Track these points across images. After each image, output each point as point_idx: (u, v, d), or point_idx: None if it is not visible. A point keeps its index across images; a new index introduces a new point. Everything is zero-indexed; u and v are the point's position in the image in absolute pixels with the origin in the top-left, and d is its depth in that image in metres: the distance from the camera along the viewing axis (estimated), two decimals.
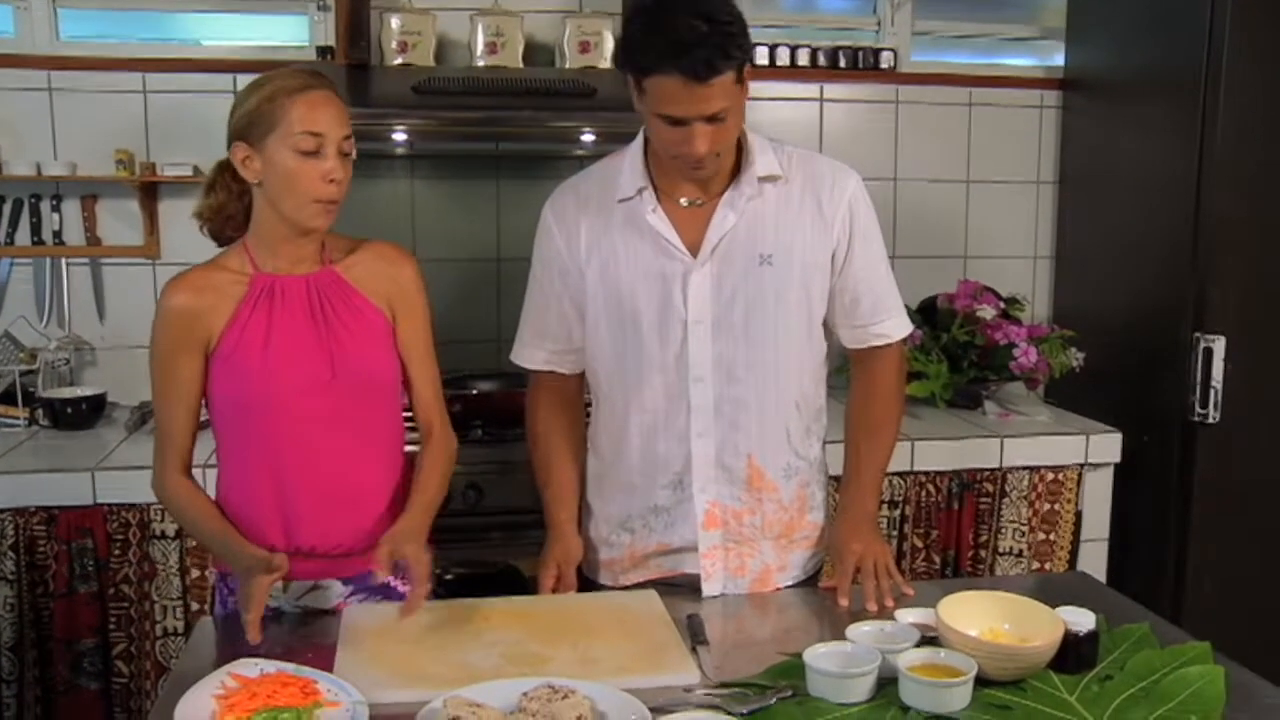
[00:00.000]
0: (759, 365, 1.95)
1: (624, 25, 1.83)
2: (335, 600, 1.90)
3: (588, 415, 2.11)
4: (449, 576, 2.52)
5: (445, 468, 1.96)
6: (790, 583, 2.04)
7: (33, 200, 3.06)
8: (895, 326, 2.05)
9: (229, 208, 1.88)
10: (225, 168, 1.85)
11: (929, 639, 1.65)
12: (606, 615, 1.80)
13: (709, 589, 1.99)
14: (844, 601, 1.90)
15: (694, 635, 1.75)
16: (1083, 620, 1.64)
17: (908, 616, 1.75)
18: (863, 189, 2.02)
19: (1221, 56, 2.78)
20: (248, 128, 1.76)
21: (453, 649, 1.66)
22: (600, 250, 1.96)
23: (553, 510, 2.06)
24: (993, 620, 1.67)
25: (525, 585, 2.42)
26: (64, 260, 3.09)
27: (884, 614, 1.79)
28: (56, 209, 3.07)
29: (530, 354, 2.08)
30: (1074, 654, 1.61)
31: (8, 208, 3.06)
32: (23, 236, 3.07)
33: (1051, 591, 1.98)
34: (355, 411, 1.86)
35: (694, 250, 1.91)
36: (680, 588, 1.99)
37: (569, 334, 2.04)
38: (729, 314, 1.92)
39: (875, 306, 2.02)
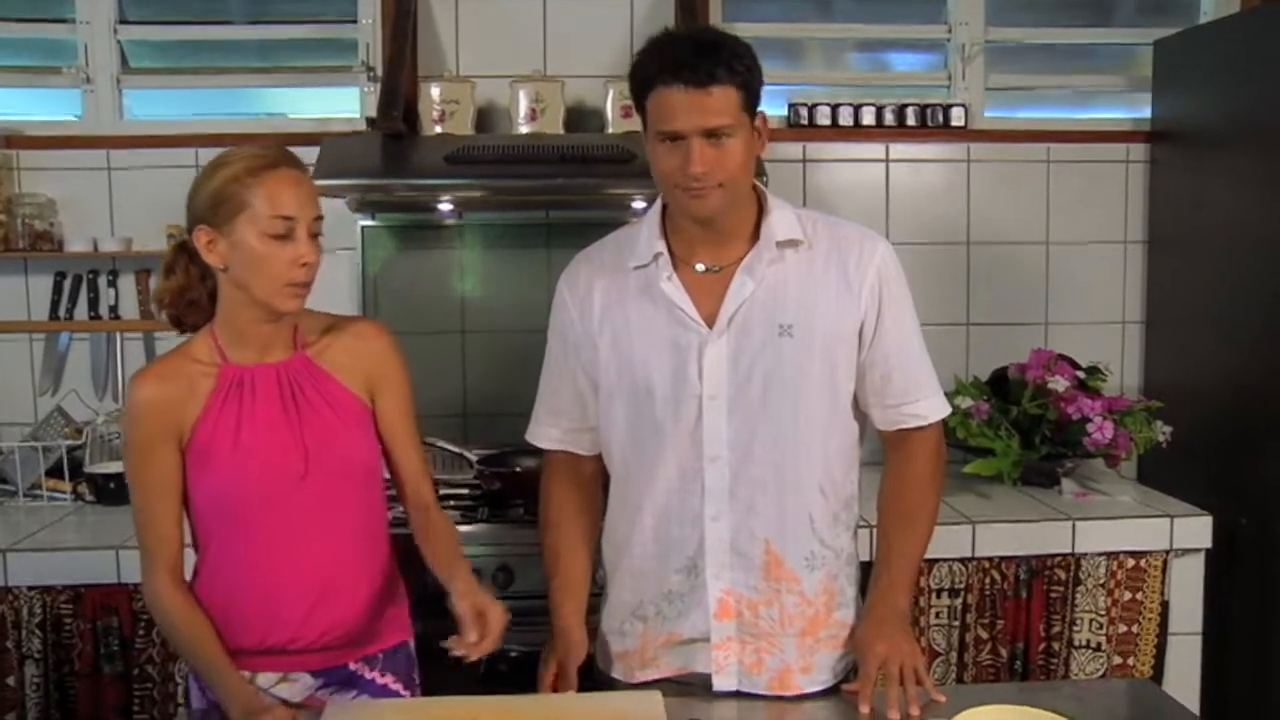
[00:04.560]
0: (778, 444, 1.83)
1: (630, 73, 1.78)
2: (304, 693, 1.83)
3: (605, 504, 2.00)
4: (514, 654, 2.42)
5: (458, 536, 1.91)
6: (818, 687, 1.89)
7: (90, 276, 3.10)
8: (931, 407, 1.92)
9: (191, 291, 1.80)
10: (184, 249, 1.78)
11: None
12: (600, 718, 1.67)
13: (720, 683, 1.87)
14: (864, 709, 1.76)
15: None
16: None
17: None
18: (893, 257, 1.89)
19: None
20: (211, 210, 1.69)
21: None
22: (613, 319, 1.88)
23: (558, 602, 1.96)
24: None
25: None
26: (119, 335, 3.12)
27: None
28: (113, 284, 3.11)
29: (544, 432, 2.00)
30: None
31: (68, 283, 3.11)
32: (81, 311, 3.11)
33: (1103, 701, 1.82)
34: (333, 503, 1.79)
35: (710, 320, 1.82)
36: (693, 688, 1.87)
37: (583, 411, 1.96)
38: (746, 388, 1.82)
39: (908, 385, 1.90)
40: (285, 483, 1.75)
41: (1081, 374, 2.98)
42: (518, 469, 2.74)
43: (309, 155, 2.79)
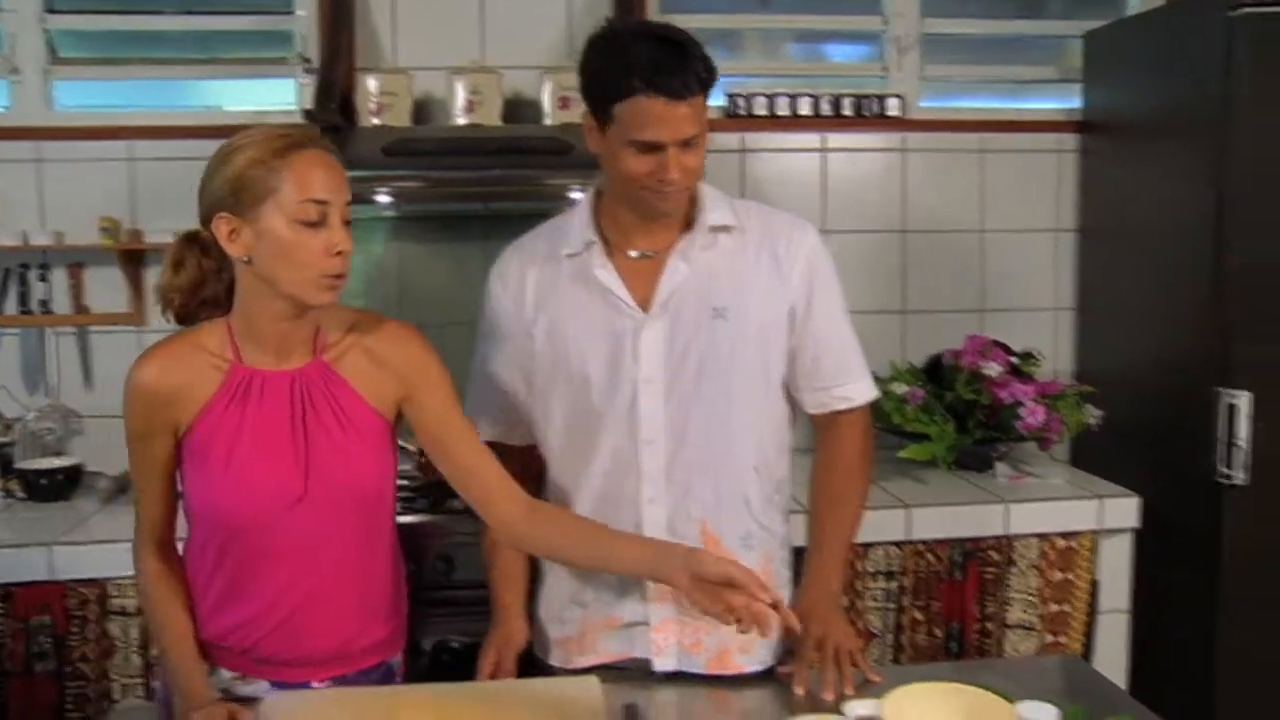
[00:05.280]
0: (713, 426, 1.85)
1: (583, 64, 1.77)
2: (260, 693, 1.75)
3: (542, 492, 2.00)
4: (456, 645, 2.43)
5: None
6: (757, 666, 1.91)
7: (20, 270, 3.04)
8: (859, 390, 1.96)
9: (206, 288, 1.67)
10: (193, 241, 1.66)
11: None
12: (535, 706, 1.68)
13: (661, 664, 1.89)
14: (800, 690, 1.78)
15: None
16: (1044, 717, 1.51)
17: (857, 709, 1.61)
18: (822, 245, 1.93)
19: (1236, 94, 2.61)
20: (232, 196, 1.55)
21: None
22: (547, 309, 1.89)
23: (498, 592, 1.96)
24: (947, 716, 1.53)
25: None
26: (51, 330, 3.07)
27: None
28: (44, 278, 3.05)
29: (478, 425, 1.97)
30: None
31: None
32: (10, 306, 3.05)
33: (1036, 678, 1.85)
34: (325, 529, 1.67)
35: (645, 306, 1.84)
36: (632, 673, 1.88)
37: (516, 403, 1.96)
38: (681, 371, 1.84)
39: (838, 368, 1.93)
40: (277, 506, 1.64)
41: (1015, 360, 3.02)
42: None
43: None
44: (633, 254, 1.86)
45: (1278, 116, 2.63)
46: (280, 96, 3.17)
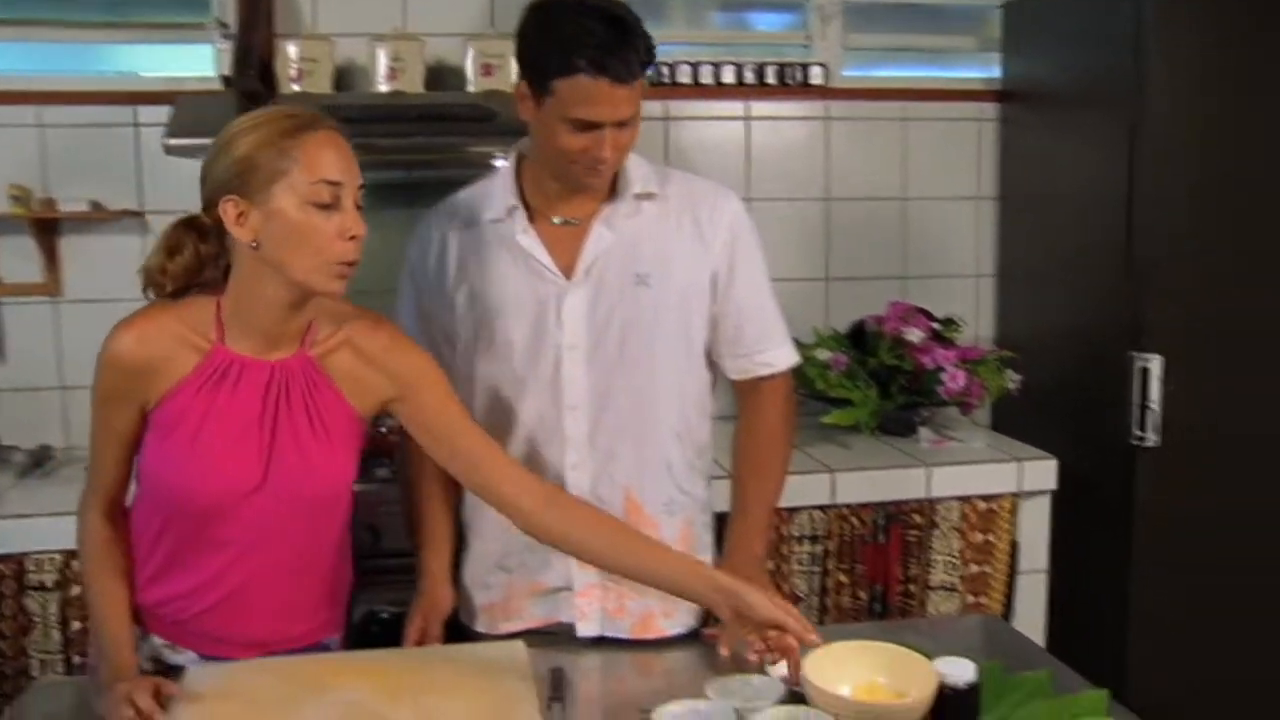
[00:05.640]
0: (636, 391, 1.87)
1: (523, 31, 1.75)
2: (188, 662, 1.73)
3: None
4: (386, 615, 2.40)
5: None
6: (680, 629, 1.94)
7: None
8: (781, 356, 1.98)
9: (206, 271, 1.62)
10: (190, 226, 1.61)
11: (797, 693, 1.54)
12: (462, 671, 1.69)
13: (584, 629, 1.90)
14: (724, 651, 1.78)
15: (552, 690, 1.65)
16: (961, 672, 1.53)
17: (781, 668, 1.63)
18: (744, 212, 1.94)
19: (1148, 64, 2.67)
20: (239, 178, 1.51)
21: (288, 709, 1.55)
22: (469, 275, 1.88)
23: (424, 558, 1.97)
24: (867, 673, 1.56)
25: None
26: None
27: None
28: None
29: None
30: (951, 710, 1.50)
31: None
32: None
33: (955, 637, 1.89)
34: (276, 523, 1.64)
35: (568, 272, 1.84)
36: (558, 638, 1.90)
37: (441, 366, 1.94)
38: (604, 338, 1.85)
39: (760, 334, 1.95)
40: (232, 495, 1.61)
41: (937, 325, 3.07)
42: (382, 429, 2.71)
43: (162, 114, 2.74)
44: (556, 220, 1.86)
45: (1188, 88, 2.70)
46: (197, 63, 3.10)
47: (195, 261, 1.61)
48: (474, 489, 1.77)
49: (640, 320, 1.85)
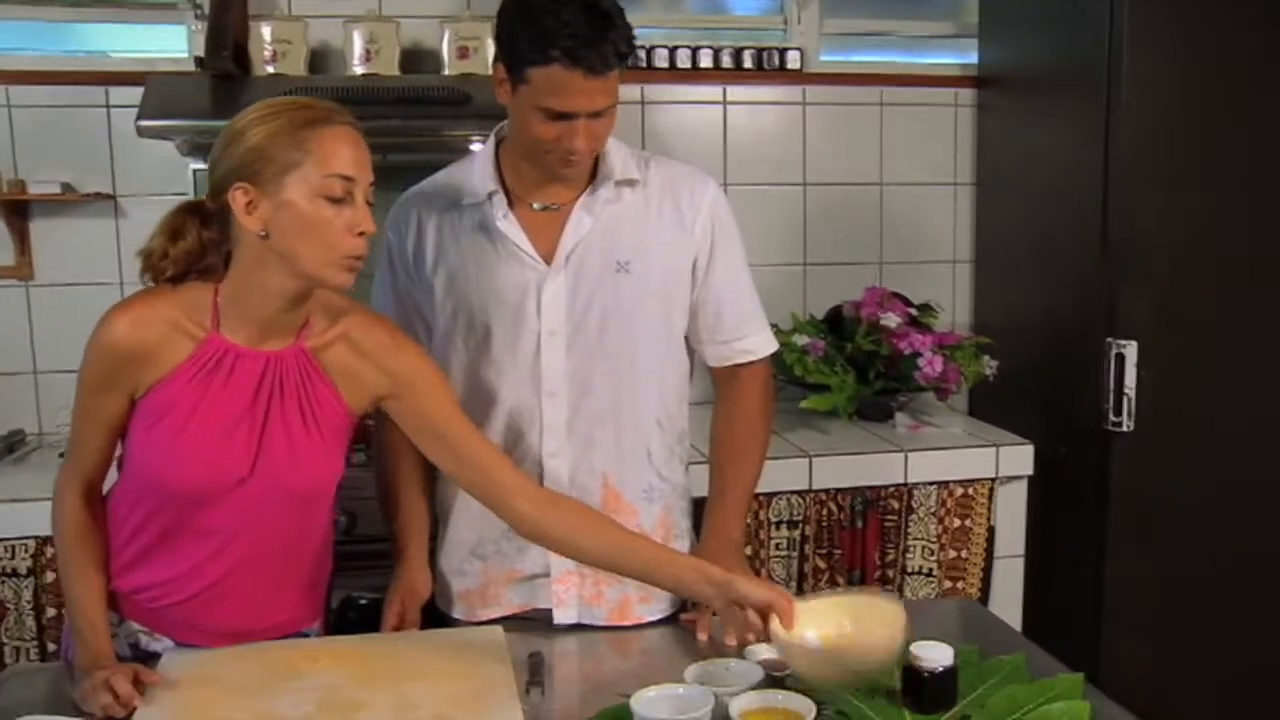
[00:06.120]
0: (616, 378, 1.86)
1: (501, 15, 1.73)
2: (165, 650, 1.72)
3: None
4: (363, 601, 2.40)
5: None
6: (656, 616, 1.94)
7: None
8: (760, 343, 1.98)
9: (207, 259, 1.60)
10: (194, 211, 1.59)
11: (776, 677, 1.55)
12: (440, 655, 1.69)
13: (561, 616, 1.90)
14: (702, 636, 1.80)
15: (531, 675, 1.64)
16: (939, 656, 1.54)
17: (759, 653, 1.64)
18: (723, 198, 1.94)
19: (1123, 51, 2.67)
20: (252, 166, 1.50)
21: (264, 695, 1.55)
22: (448, 259, 1.87)
23: (401, 542, 1.95)
24: (835, 624, 1.55)
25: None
26: None
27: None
28: None
29: None
30: (928, 692, 1.50)
31: None
32: None
33: (933, 621, 1.90)
34: (261, 515, 1.64)
35: (548, 258, 1.83)
36: (536, 624, 1.89)
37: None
38: (584, 324, 1.84)
39: (739, 321, 1.95)
40: (219, 486, 1.60)
41: (914, 311, 3.07)
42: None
43: (133, 95, 2.72)
44: (535, 206, 1.85)
45: (1162, 74, 2.71)
46: (170, 43, 3.07)
47: (198, 247, 1.59)
48: (473, 493, 1.74)
49: (620, 308, 1.84)
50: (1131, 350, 2.71)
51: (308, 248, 1.51)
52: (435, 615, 1.96)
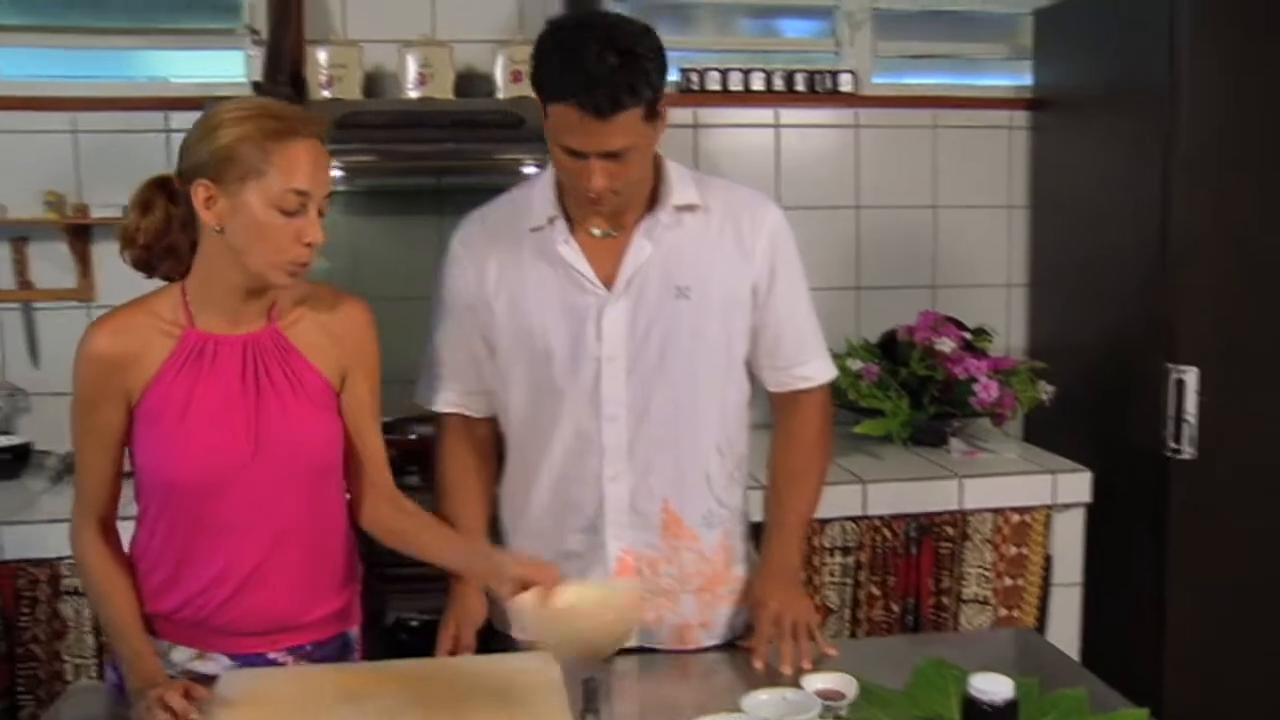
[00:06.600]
0: (676, 403, 1.85)
1: (536, 46, 1.73)
2: (220, 670, 1.74)
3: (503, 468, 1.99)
4: (415, 623, 2.42)
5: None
6: (716, 641, 1.93)
7: None
8: (819, 370, 1.96)
9: (171, 235, 1.65)
10: (162, 186, 1.65)
11: (832, 707, 1.53)
12: (493, 681, 1.68)
13: None
14: (759, 664, 1.78)
15: (586, 702, 1.63)
16: (999, 689, 1.50)
17: (815, 682, 1.63)
18: (785, 223, 1.93)
19: (1183, 71, 2.65)
20: (217, 166, 1.56)
21: (323, 716, 1.56)
22: (509, 283, 1.87)
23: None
24: (578, 596, 1.63)
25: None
26: None
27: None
28: None
29: (438, 395, 1.97)
30: None
31: None
32: None
33: (990, 651, 1.88)
34: (276, 491, 1.68)
35: (608, 283, 1.83)
36: None
37: (479, 373, 1.94)
38: (644, 350, 1.83)
39: (798, 347, 1.94)
40: (228, 468, 1.65)
41: (968, 335, 3.04)
42: (412, 435, 2.71)
43: (193, 120, 2.73)
44: (596, 232, 1.85)
45: (1222, 92, 2.67)
46: (228, 68, 3.12)
47: (164, 221, 1.64)
48: (347, 479, 1.82)
49: (680, 333, 1.83)
50: (1192, 376, 2.67)
51: (256, 249, 1.58)
52: (492, 633, 1.95)
